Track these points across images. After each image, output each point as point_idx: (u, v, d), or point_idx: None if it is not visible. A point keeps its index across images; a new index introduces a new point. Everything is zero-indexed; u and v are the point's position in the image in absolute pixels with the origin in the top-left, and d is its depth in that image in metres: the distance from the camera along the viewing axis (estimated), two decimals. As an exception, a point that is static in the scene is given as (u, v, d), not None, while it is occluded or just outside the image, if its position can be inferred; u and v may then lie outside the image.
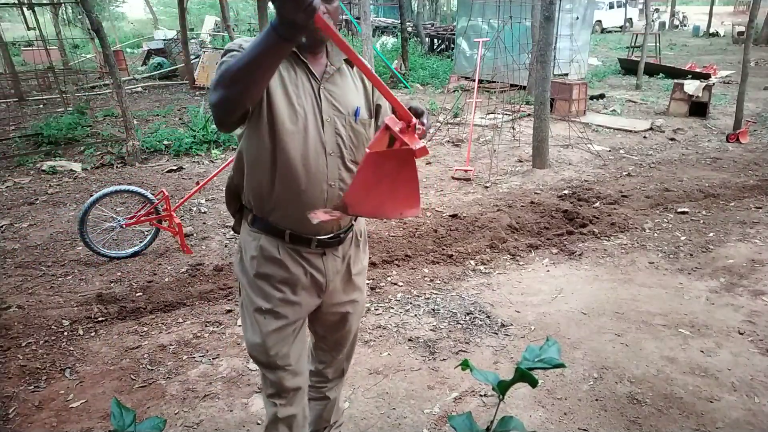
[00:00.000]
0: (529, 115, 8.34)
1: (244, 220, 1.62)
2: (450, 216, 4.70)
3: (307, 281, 1.58)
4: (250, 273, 1.58)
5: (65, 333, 3.03)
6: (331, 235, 1.58)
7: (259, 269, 1.55)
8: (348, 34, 16.70)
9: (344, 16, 15.83)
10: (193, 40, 15.29)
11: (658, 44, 14.68)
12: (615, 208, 4.83)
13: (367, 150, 1.10)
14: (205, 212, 4.97)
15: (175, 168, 6.23)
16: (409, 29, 15.89)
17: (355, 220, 1.67)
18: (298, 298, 1.58)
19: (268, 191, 1.49)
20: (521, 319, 3.15)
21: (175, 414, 2.41)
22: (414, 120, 1.16)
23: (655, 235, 4.32)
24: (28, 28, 11.34)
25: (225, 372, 2.70)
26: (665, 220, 4.61)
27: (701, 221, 4.55)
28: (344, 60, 1.54)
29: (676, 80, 9.47)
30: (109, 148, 6.96)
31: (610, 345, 2.88)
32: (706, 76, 10.83)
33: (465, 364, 0.81)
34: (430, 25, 19.89)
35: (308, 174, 1.45)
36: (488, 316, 3.18)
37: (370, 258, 2.81)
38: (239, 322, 3.13)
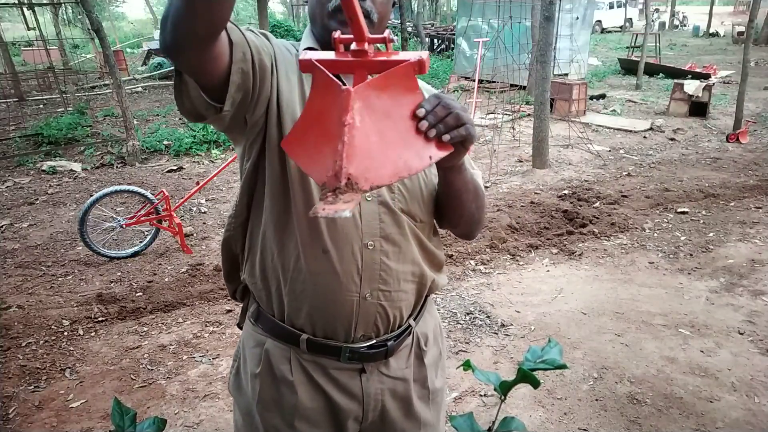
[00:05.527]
0: (529, 115, 8.34)
1: (247, 313, 1.15)
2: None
3: (333, 414, 1.07)
4: (249, 398, 1.09)
5: (65, 333, 3.03)
6: (372, 342, 1.05)
7: (264, 394, 1.06)
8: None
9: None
10: (193, 40, 15.25)
11: (658, 44, 14.67)
12: (615, 208, 4.83)
13: (350, 89, 0.71)
14: (205, 212, 4.97)
15: (175, 168, 6.23)
16: (409, 29, 15.90)
17: (415, 317, 1.12)
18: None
19: (271, 254, 1.01)
20: (521, 319, 3.15)
21: (175, 414, 2.41)
22: (367, 34, 0.76)
23: (655, 235, 4.32)
24: (28, 28, 11.35)
25: (225, 372, 2.70)
26: (665, 220, 4.62)
27: (701, 221, 4.55)
28: None
29: (676, 80, 9.47)
30: (109, 148, 6.96)
31: (610, 345, 2.88)
32: (706, 76, 10.82)
33: (467, 365, 0.81)
34: (430, 25, 19.91)
35: (332, 227, 0.97)
36: (488, 316, 3.18)
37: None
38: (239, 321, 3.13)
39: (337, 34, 0.79)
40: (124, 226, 3.96)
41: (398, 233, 1.01)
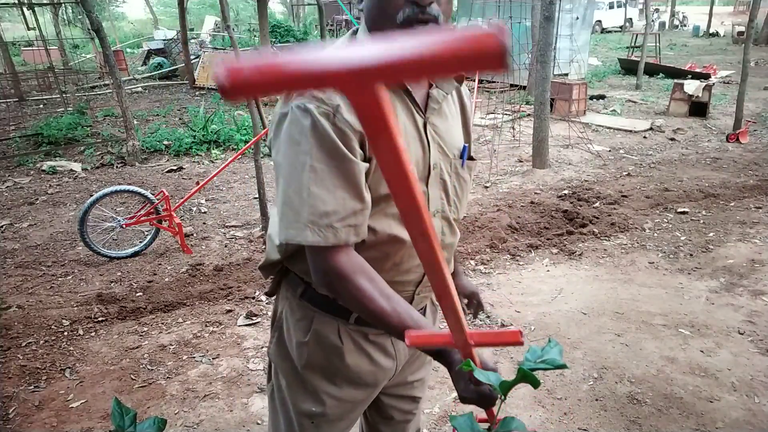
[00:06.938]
0: (529, 115, 8.34)
1: (285, 285, 1.19)
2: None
3: (373, 371, 1.20)
4: (296, 363, 1.18)
5: (65, 333, 3.03)
6: None
7: (311, 359, 1.16)
8: (348, 34, 16.67)
9: (344, 17, 15.80)
10: (193, 40, 15.29)
11: (658, 44, 14.67)
12: (615, 208, 4.83)
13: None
14: (205, 212, 4.97)
15: (175, 168, 6.23)
16: (409, 29, 15.81)
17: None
18: (359, 393, 1.21)
19: None
20: (521, 319, 3.15)
21: (175, 414, 2.41)
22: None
23: (655, 235, 4.32)
24: (28, 28, 11.37)
25: (225, 372, 2.70)
26: (665, 220, 4.61)
27: (701, 221, 4.55)
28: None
29: (676, 80, 9.46)
30: (109, 148, 6.96)
31: (610, 345, 2.88)
32: (706, 76, 10.82)
33: (467, 365, 0.80)
34: (430, 25, 19.84)
35: (405, 245, 1.05)
36: (488, 316, 3.18)
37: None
38: (239, 321, 3.13)
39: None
40: (124, 226, 3.96)
41: (452, 241, 1.19)
